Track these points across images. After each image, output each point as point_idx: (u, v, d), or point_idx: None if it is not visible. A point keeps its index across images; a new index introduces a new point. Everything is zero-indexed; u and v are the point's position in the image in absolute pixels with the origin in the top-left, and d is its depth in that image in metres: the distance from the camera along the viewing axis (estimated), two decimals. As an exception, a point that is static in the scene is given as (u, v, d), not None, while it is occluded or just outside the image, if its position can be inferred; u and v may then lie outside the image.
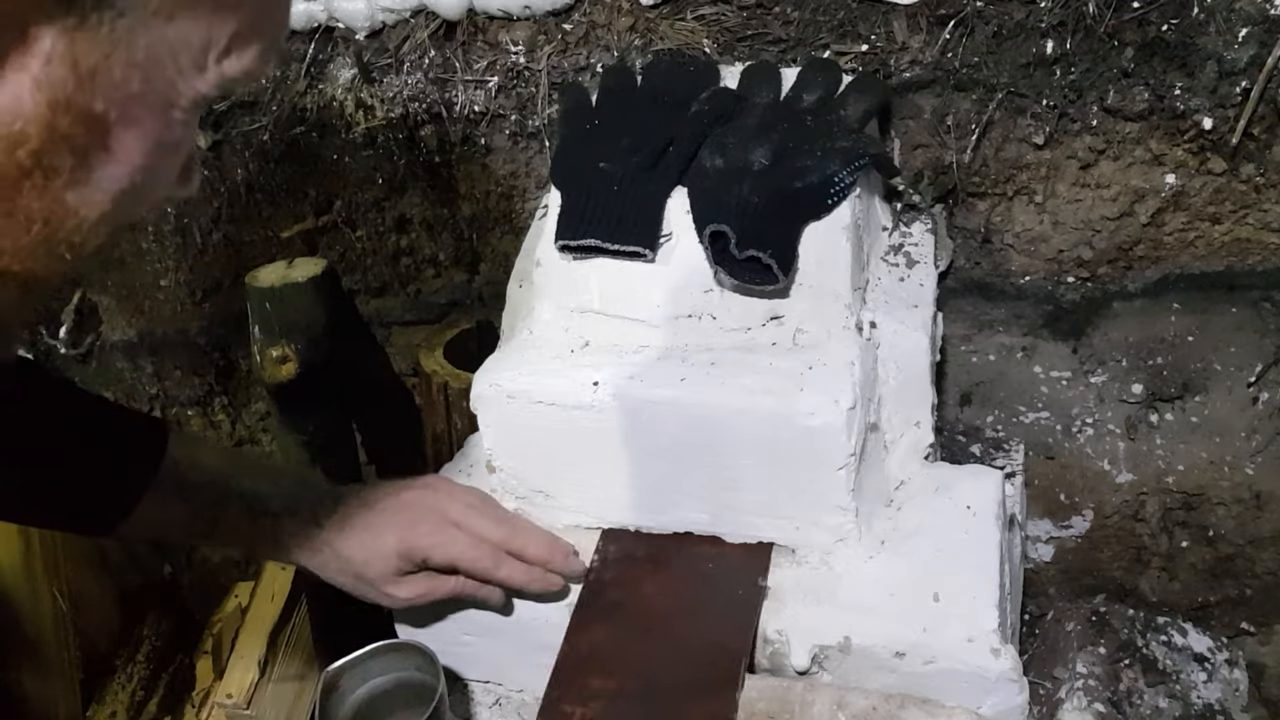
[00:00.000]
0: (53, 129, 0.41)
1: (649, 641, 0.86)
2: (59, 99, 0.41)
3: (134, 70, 0.42)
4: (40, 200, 0.42)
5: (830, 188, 0.91)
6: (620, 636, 0.86)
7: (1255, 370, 1.12)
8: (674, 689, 0.81)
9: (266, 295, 1.24)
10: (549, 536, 0.91)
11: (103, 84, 0.41)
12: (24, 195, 0.42)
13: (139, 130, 0.44)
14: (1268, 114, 0.99)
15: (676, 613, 0.87)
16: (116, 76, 0.42)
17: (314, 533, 0.88)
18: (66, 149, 0.42)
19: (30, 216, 0.43)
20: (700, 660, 0.83)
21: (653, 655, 0.84)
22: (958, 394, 1.22)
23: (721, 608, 0.87)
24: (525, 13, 1.14)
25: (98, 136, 0.43)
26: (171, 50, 0.43)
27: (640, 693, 0.82)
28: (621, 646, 0.85)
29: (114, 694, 1.52)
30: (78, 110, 0.41)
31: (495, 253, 1.33)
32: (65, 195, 0.43)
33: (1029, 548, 1.23)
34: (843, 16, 1.07)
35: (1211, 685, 1.10)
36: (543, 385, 0.90)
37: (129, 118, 0.43)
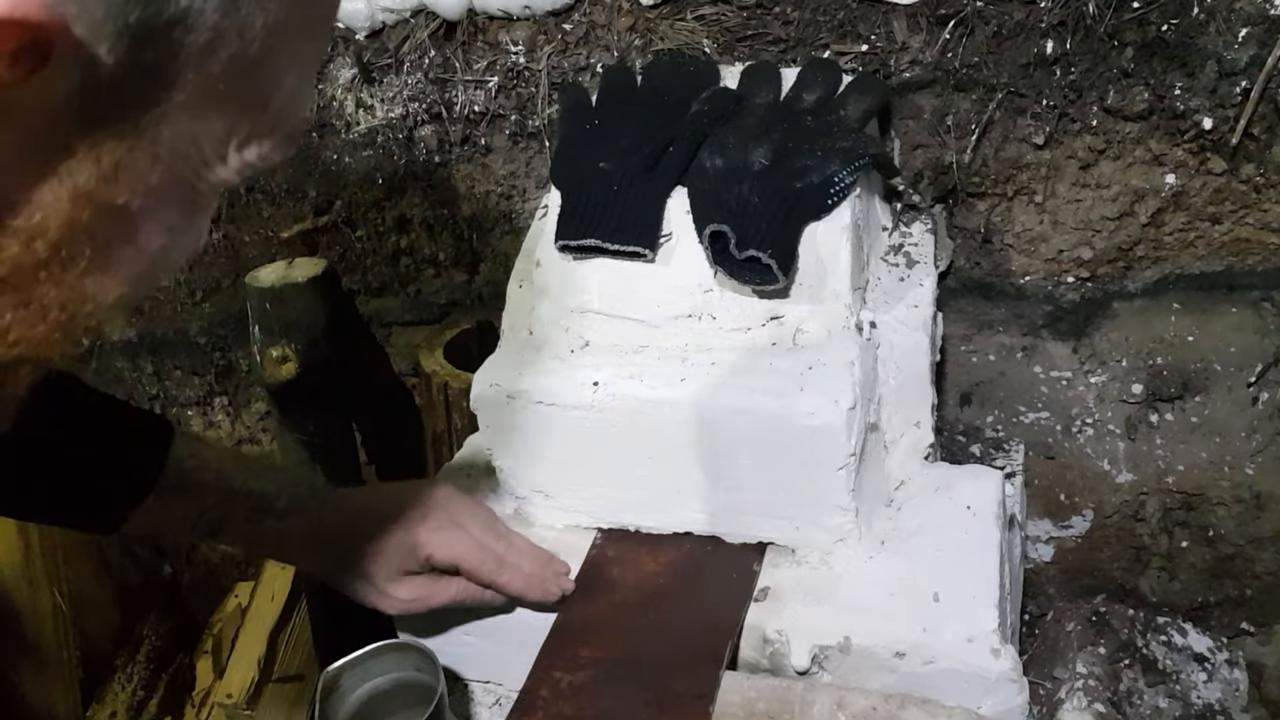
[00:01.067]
0: (73, 221, 0.40)
1: (640, 617, 0.87)
2: (81, 193, 0.40)
3: (157, 163, 0.41)
4: (57, 289, 0.42)
5: (830, 188, 0.91)
6: (613, 612, 0.88)
7: (1255, 370, 1.12)
8: (661, 662, 0.84)
9: (266, 295, 1.23)
10: (546, 554, 0.91)
11: (126, 178, 0.41)
12: (41, 285, 0.41)
13: (159, 219, 0.44)
14: (1268, 114, 0.99)
15: (669, 591, 0.89)
16: (140, 169, 0.41)
17: (317, 534, 0.88)
18: (86, 240, 0.41)
19: (46, 306, 0.42)
20: (688, 637, 0.85)
21: (643, 630, 0.86)
22: (958, 394, 1.22)
23: (713, 588, 0.89)
24: (525, 13, 1.14)
25: (119, 227, 0.42)
26: (195, 142, 0.42)
27: (628, 663, 0.84)
28: (613, 621, 0.87)
29: (114, 694, 1.52)
30: (99, 203, 0.41)
31: (495, 253, 1.33)
32: (83, 283, 0.42)
33: (1029, 548, 1.23)
34: (843, 16, 1.07)
35: (1211, 685, 1.10)
36: (543, 385, 0.90)
37: (150, 208, 0.43)
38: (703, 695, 0.80)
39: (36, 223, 0.40)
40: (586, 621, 0.88)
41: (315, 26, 0.46)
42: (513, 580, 0.88)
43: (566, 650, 0.86)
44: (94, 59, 0.37)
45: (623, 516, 0.94)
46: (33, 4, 0.34)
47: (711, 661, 0.83)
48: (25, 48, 0.34)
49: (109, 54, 0.37)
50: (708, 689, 0.81)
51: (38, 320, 0.42)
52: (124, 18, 0.36)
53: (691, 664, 0.83)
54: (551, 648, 0.86)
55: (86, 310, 0.43)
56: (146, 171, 0.41)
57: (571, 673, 0.84)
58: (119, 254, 0.43)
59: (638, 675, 0.83)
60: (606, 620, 0.88)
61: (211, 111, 0.42)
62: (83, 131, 0.39)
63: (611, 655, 0.85)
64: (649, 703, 0.81)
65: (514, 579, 0.88)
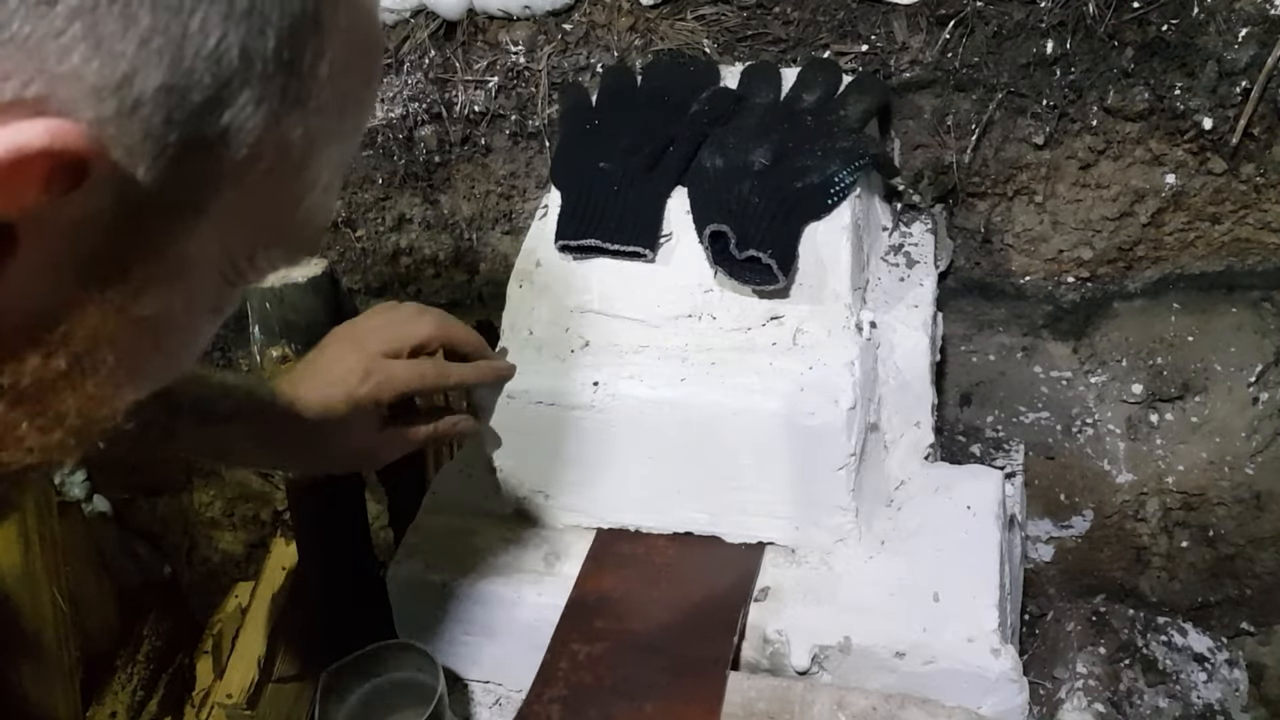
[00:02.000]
0: (98, 334, 0.40)
1: (653, 590, 0.90)
2: (108, 307, 0.39)
3: (184, 275, 0.41)
4: (74, 398, 0.41)
5: (830, 188, 0.91)
6: (627, 587, 0.91)
7: (1255, 370, 1.12)
8: (676, 630, 0.87)
9: (266, 295, 1.23)
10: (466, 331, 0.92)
11: (153, 291, 0.40)
12: (59, 395, 0.40)
13: (181, 325, 0.44)
14: (1268, 114, 0.99)
15: (680, 564, 0.92)
16: (168, 282, 0.41)
17: (267, 428, 0.87)
18: (109, 350, 0.41)
19: (62, 414, 0.41)
20: (701, 608, 0.88)
21: (655, 603, 0.89)
22: (958, 394, 1.22)
23: (722, 564, 0.91)
24: (525, 13, 1.14)
25: (142, 338, 0.42)
26: (225, 249, 0.42)
27: (644, 634, 0.87)
28: (627, 595, 0.90)
29: (114, 694, 1.52)
30: (126, 315, 0.40)
31: (495, 253, 1.33)
32: (102, 390, 0.42)
33: (1029, 548, 1.23)
34: (843, 16, 1.07)
35: (1211, 685, 1.10)
36: (543, 385, 0.90)
37: (173, 317, 0.42)
38: (719, 660, 0.83)
39: (60, 334, 0.39)
40: (601, 596, 0.90)
41: (350, 135, 0.45)
42: (464, 375, 0.89)
43: (582, 624, 0.88)
44: (130, 179, 0.36)
45: (623, 516, 0.94)
46: (72, 134, 0.33)
47: (725, 629, 0.85)
48: (61, 172, 0.34)
49: (146, 173, 0.36)
50: (723, 653, 0.84)
51: (54, 428, 0.41)
52: (163, 139, 0.36)
53: (706, 631, 0.86)
54: (567, 622, 0.89)
55: (104, 414, 0.42)
56: (174, 284, 0.41)
57: (589, 644, 0.87)
58: (141, 361, 0.43)
59: (654, 644, 0.86)
60: (621, 595, 0.90)
61: (244, 222, 0.41)
62: (113, 246, 0.38)
63: (627, 627, 0.88)
64: (666, 669, 0.84)
65: (465, 374, 0.89)
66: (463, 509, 0.99)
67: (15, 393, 0.39)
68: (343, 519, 1.30)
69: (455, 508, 1.00)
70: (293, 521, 1.39)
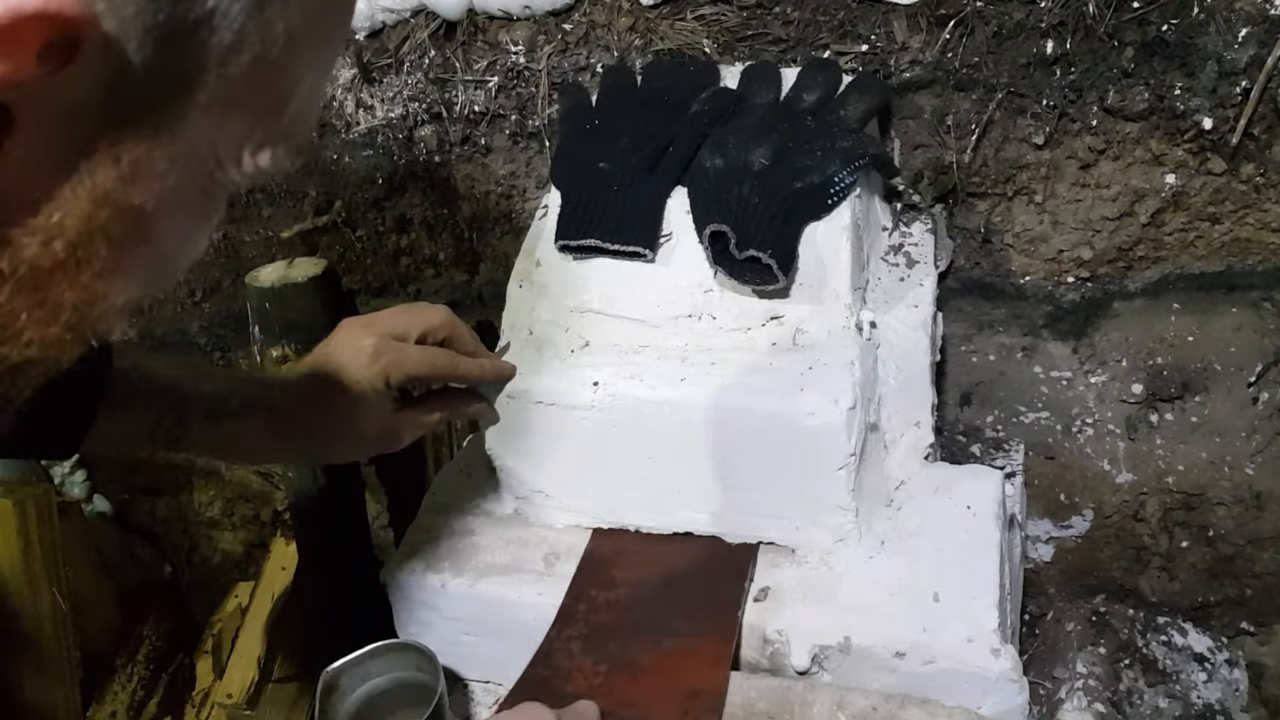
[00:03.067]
0: (91, 221, 0.41)
1: (668, 545, 0.93)
2: (100, 193, 0.40)
3: (174, 165, 0.42)
4: (71, 290, 0.42)
5: (830, 188, 0.91)
6: (639, 542, 0.94)
7: (1255, 370, 1.12)
8: (690, 578, 0.90)
9: (266, 295, 1.23)
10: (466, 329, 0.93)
11: (144, 178, 0.41)
12: (56, 285, 0.42)
13: (173, 221, 0.44)
14: (1268, 114, 0.99)
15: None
16: (158, 170, 0.41)
17: (278, 421, 0.88)
18: (102, 240, 0.42)
19: (59, 307, 0.42)
20: (712, 560, 0.91)
21: (669, 556, 0.92)
22: (958, 394, 1.22)
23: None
24: (525, 13, 1.14)
25: (135, 228, 0.42)
26: (212, 145, 0.43)
27: (659, 582, 0.90)
28: (640, 550, 0.93)
29: (114, 694, 1.52)
30: (117, 204, 0.41)
31: (495, 253, 1.33)
32: (97, 283, 0.43)
33: (1029, 548, 1.23)
34: (843, 16, 1.07)
35: (1211, 685, 1.10)
36: (543, 385, 0.90)
37: (165, 209, 0.43)
38: (735, 603, 0.86)
39: (55, 222, 0.40)
40: (615, 550, 0.93)
41: (333, 34, 0.47)
42: (470, 369, 0.90)
43: (598, 574, 0.91)
44: (121, 56, 0.37)
45: (623, 516, 0.94)
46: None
47: (736, 576, 0.88)
48: (55, 42, 0.35)
49: (136, 52, 0.37)
50: (735, 595, 0.87)
51: (51, 321, 0.42)
52: (152, 15, 0.37)
53: (719, 579, 0.89)
54: (583, 573, 0.92)
55: (98, 311, 0.44)
56: (164, 173, 0.42)
57: (606, 590, 0.90)
58: (133, 255, 0.44)
59: (669, 591, 0.89)
60: (633, 550, 0.93)
61: (230, 115, 0.42)
62: (105, 130, 0.39)
63: (642, 576, 0.91)
64: (682, 612, 0.87)
65: (471, 368, 0.91)
66: (463, 509, 0.99)
67: (14, 280, 0.40)
68: (343, 519, 1.30)
69: (455, 508, 1.00)
70: (293, 521, 1.39)
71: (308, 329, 1.25)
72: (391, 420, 0.90)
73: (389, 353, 0.88)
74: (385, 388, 0.89)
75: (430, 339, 0.92)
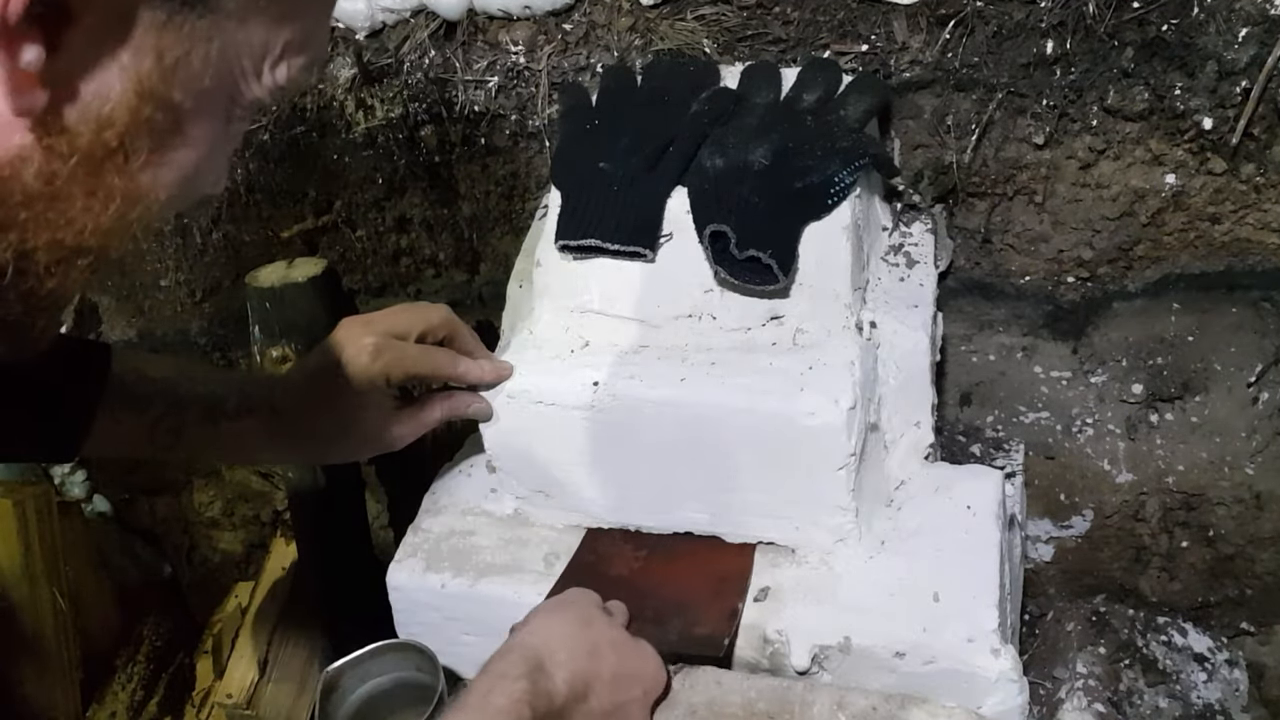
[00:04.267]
0: (137, 114, 0.46)
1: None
2: (145, 88, 0.46)
3: (208, 67, 0.48)
4: (119, 179, 0.48)
5: (830, 188, 0.91)
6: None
7: (1255, 370, 1.12)
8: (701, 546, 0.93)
9: (266, 295, 1.23)
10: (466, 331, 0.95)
11: (182, 77, 0.47)
12: (106, 174, 0.47)
13: (206, 122, 0.50)
14: (1268, 114, 0.99)
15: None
16: (194, 70, 0.47)
17: (277, 421, 0.88)
18: (146, 133, 0.47)
19: (110, 195, 0.48)
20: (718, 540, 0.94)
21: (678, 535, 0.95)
22: (958, 394, 1.22)
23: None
24: (525, 13, 1.14)
25: (174, 124, 0.48)
26: (238, 52, 0.49)
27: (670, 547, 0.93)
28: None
29: (114, 694, 1.52)
30: (159, 99, 0.47)
31: (495, 253, 1.33)
32: (140, 177, 0.48)
33: (1029, 548, 1.23)
34: (843, 16, 1.07)
35: (1211, 685, 1.10)
36: (543, 385, 0.90)
37: (200, 110, 0.49)
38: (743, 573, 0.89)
39: (107, 113, 0.46)
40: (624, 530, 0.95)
41: None
42: (469, 370, 0.91)
43: (607, 537, 0.94)
44: None
45: (623, 516, 0.94)
46: None
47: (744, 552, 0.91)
48: None
49: None
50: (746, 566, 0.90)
51: (103, 209, 0.48)
52: None
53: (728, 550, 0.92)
54: (592, 536, 0.95)
55: (141, 205, 0.49)
56: (200, 74, 0.47)
57: (617, 546, 0.93)
58: (172, 152, 0.49)
59: (680, 554, 0.92)
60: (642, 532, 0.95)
61: (253, 21, 0.48)
62: (148, 26, 0.45)
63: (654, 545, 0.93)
64: (695, 571, 0.90)
65: (470, 369, 0.91)
66: (463, 509, 0.99)
67: (72, 165, 0.46)
68: (343, 519, 1.30)
69: (455, 508, 1.00)
70: (293, 521, 1.40)
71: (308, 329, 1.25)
72: (391, 419, 0.91)
73: (390, 351, 0.88)
74: (386, 386, 0.89)
75: (430, 338, 0.92)
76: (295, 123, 1.28)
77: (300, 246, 1.36)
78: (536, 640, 0.75)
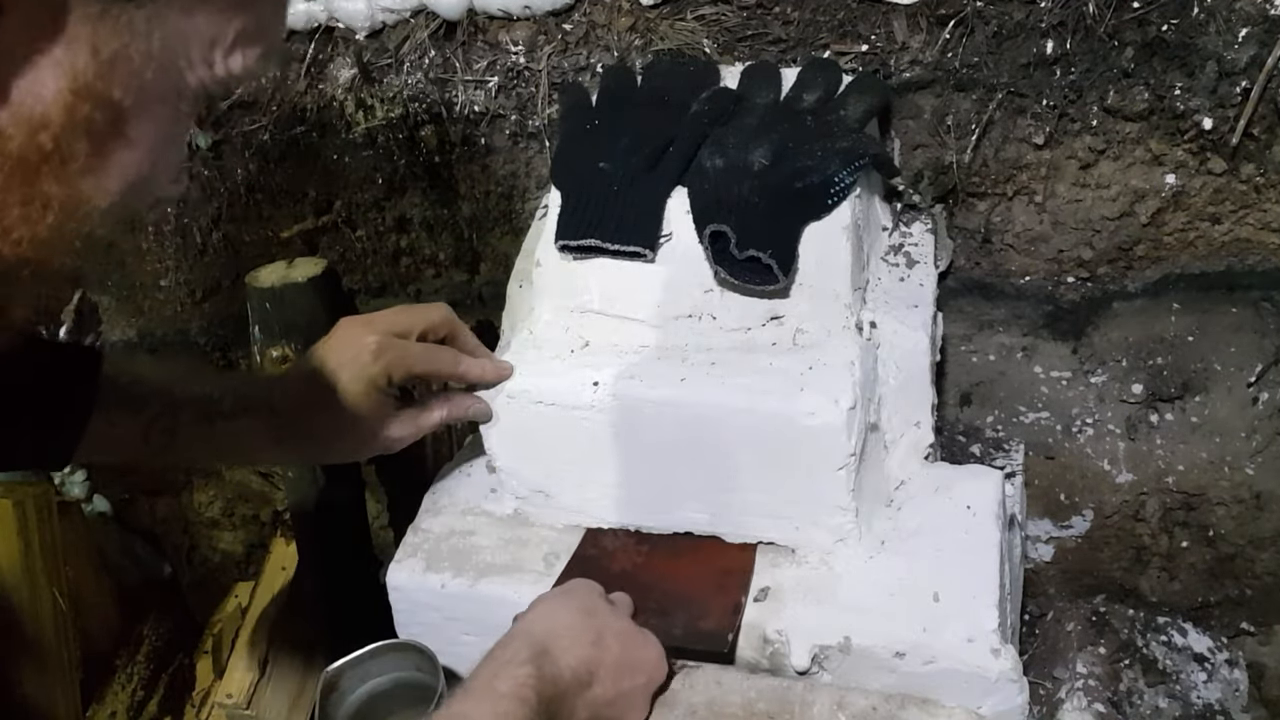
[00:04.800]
0: (73, 113, 0.43)
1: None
2: (80, 85, 0.43)
3: (149, 60, 0.44)
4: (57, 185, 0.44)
5: (830, 188, 0.91)
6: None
7: (1255, 370, 1.12)
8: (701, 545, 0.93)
9: (266, 295, 1.23)
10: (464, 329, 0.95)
11: (121, 72, 0.44)
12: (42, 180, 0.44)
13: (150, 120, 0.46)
14: (1268, 114, 0.99)
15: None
16: (134, 65, 0.44)
17: (275, 421, 0.87)
18: (84, 134, 0.44)
19: (46, 203, 0.44)
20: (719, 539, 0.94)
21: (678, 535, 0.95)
22: (958, 394, 1.22)
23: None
24: (525, 13, 1.14)
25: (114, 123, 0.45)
26: (184, 42, 0.45)
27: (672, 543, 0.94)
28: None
29: (114, 694, 1.52)
30: (97, 96, 0.43)
31: (495, 253, 1.33)
32: (80, 182, 0.45)
33: (1029, 548, 1.23)
34: (843, 16, 1.07)
35: (1211, 685, 1.10)
36: (543, 385, 0.90)
37: (142, 107, 0.45)
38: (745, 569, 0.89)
39: (40, 114, 0.42)
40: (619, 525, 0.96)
41: None
42: (470, 369, 0.91)
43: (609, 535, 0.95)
44: None
45: (623, 516, 0.94)
46: None
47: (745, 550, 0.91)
48: None
49: None
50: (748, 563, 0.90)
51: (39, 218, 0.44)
52: None
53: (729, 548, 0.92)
54: (593, 534, 0.95)
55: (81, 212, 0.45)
56: (140, 68, 0.44)
57: (619, 542, 0.94)
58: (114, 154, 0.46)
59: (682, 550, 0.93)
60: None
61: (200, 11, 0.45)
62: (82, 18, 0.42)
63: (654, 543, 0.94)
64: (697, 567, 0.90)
65: (471, 368, 0.91)
66: (463, 509, 0.99)
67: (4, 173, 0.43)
68: (343, 519, 1.30)
69: (455, 508, 1.00)
70: (293, 521, 1.40)
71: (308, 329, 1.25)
72: (391, 420, 0.90)
73: (392, 350, 0.88)
74: (387, 386, 0.88)
75: (431, 337, 0.91)
76: (295, 123, 1.28)
77: (300, 246, 1.36)
78: (540, 628, 0.75)
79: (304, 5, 1.21)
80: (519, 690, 0.69)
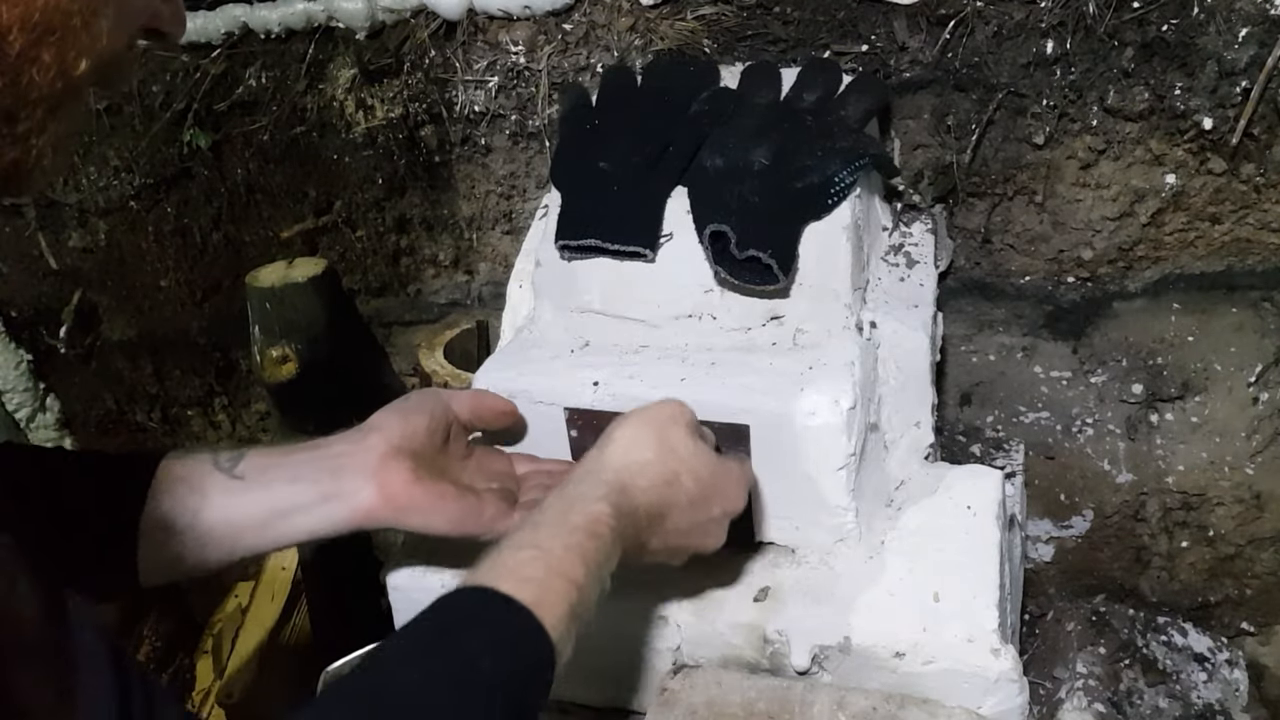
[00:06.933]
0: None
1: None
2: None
3: None
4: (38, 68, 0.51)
5: (830, 188, 0.91)
6: None
7: (1255, 370, 1.12)
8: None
9: (266, 295, 1.24)
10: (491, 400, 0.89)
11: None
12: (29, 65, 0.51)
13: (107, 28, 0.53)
14: (1268, 114, 0.99)
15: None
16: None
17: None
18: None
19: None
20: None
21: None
22: (958, 394, 1.22)
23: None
24: (525, 13, 1.14)
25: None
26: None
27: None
28: None
29: (114, 694, 1.52)
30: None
31: (495, 253, 1.33)
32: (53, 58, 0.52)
33: (1029, 548, 1.23)
34: (843, 16, 1.07)
35: (1211, 685, 1.10)
36: (543, 385, 0.90)
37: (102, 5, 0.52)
38: (741, 463, 0.84)
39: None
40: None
41: None
42: (497, 521, 0.83)
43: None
44: None
45: (623, 516, 0.94)
46: None
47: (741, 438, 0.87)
48: None
49: None
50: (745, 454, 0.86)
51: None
52: None
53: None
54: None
55: (63, 80, 0.52)
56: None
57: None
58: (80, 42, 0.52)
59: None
60: None
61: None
62: None
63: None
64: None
65: (498, 520, 0.83)
66: (463, 509, 0.99)
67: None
68: (343, 519, 1.30)
69: (455, 508, 0.99)
70: (293, 521, 1.39)
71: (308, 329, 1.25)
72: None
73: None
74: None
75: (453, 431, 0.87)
76: (295, 123, 1.28)
77: (300, 246, 1.36)
78: (618, 462, 0.74)
79: (304, 5, 1.21)
80: (593, 525, 0.68)
